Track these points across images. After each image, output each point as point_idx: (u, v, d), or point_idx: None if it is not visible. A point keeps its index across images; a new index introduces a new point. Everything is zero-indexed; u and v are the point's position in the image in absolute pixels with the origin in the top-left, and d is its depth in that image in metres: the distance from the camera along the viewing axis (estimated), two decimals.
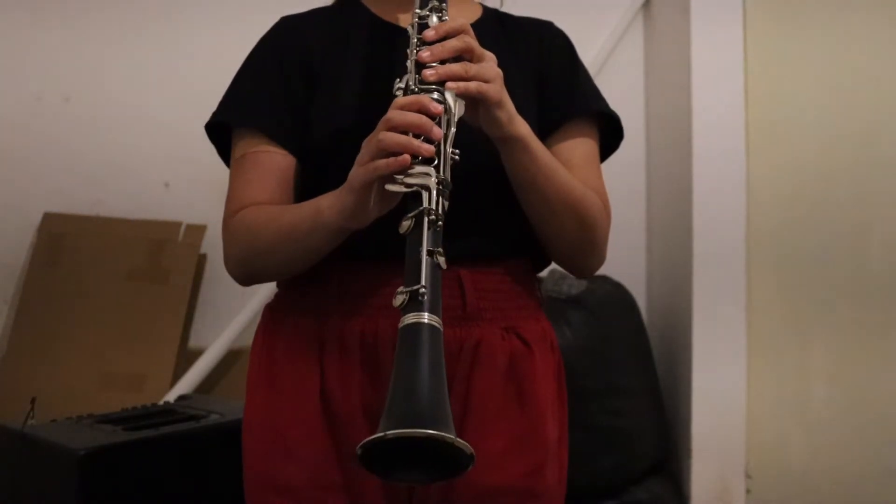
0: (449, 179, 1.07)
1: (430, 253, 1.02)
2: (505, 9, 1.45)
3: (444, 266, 1.03)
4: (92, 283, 2.89)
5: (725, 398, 2.74)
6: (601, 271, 2.93)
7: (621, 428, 2.71)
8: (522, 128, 1.18)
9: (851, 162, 2.75)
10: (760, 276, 2.76)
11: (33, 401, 1.85)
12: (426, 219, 1.03)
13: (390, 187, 1.06)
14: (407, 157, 1.04)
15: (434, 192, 1.05)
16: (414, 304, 0.99)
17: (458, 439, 0.91)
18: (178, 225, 2.96)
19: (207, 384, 2.86)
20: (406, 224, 1.04)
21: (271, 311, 1.33)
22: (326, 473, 1.22)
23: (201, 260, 2.96)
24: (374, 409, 1.20)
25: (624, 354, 2.78)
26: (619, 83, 3.16)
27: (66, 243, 2.94)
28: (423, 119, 1.07)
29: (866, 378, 2.72)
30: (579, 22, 3.09)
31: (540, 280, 2.76)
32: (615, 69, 3.16)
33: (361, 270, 1.23)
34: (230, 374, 2.87)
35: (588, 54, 3.12)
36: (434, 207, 1.04)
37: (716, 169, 2.76)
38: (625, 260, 3.05)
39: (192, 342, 2.97)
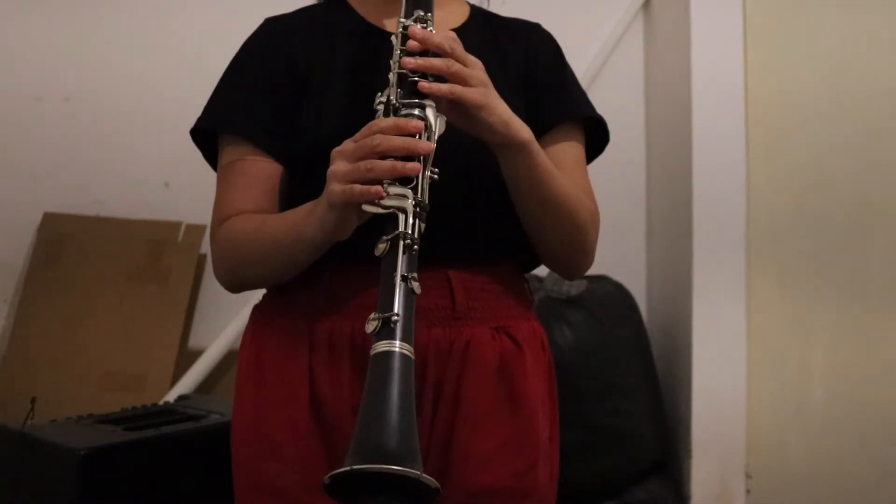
0: (426, 201, 1.07)
1: (404, 279, 1.03)
2: (506, 8, 1.45)
3: (418, 291, 1.03)
4: (92, 283, 2.89)
5: (725, 398, 2.73)
6: (601, 271, 2.95)
7: (621, 428, 2.71)
8: (523, 132, 1.17)
9: (852, 161, 2.75)
10: (760, 275, 2.76)
11: (33, 401, 1.85)
12: (401, 243, 1.04)
13: (367, 208, 1.06)
14: (379, 188, 1.05)
15: (410, 216, 1.05)
16: (386, 330, 1.00)
17: (424, 475, 0.92)
18: (178, 225, 2.96)
19: (207, 384, 2.86)
20: (382, 247, 1.05)
21: (259, 312, 1.33)
22: (316, 475, 1.21)
23: (201, 260, 2.96)
24: None
25: (624, 354, 2.78)
26: (619, 83, 3.16)
27: (66, 243, 2.95)
28: (409, 143, 1.06)
29: (866, 378, 2.72)
30: (579, 22, 3.13)
31: (540, 280, 2.78)
32: (615, 69, 3.16)
33: (350, 271, 1.22)
34: (230, 374, 2.87)
35: (588, 54, 3.12)
36: (410, 232, 1.04)
37: (715, 169, 2.76)
38: (625, 260, 3.06)
39: (192, 342, 2.97)
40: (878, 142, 2.75)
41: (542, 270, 1.39)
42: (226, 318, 2.90)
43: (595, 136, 1.37)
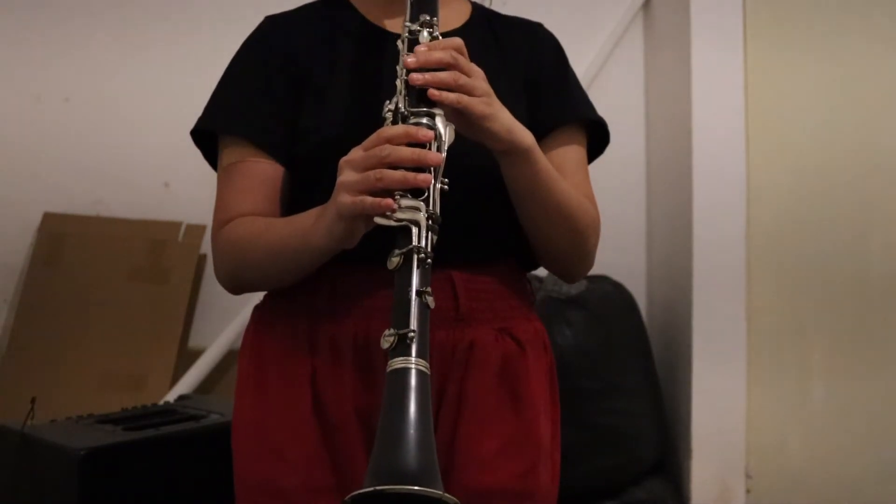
0: (438, 213, 1.06)
1: (419, 294, 1.02)
2: (506, 8, 1.44)
3: (432, 305, 1.03)
4: (92, 283, 2.89)
5: (725, 398, 2.74)
6: (601, 271, 2.95)
7: (621, 428, 2.71)
8: (526, 138, 1.17)
9: (851, 162, 2.75)
10: (760, 276, 2.76)
11: (33, 401, 1.84)
12: (415, 257, 1.03)
13: (379, 221, 1.06)
14: (391, 201, 1.04)
15: (423, 228, 1.04)
16: (402, 347, 1.00)
17: (446, 494, 0.92)
18: (178, 225, 2.96)
19: (207, 384, 2.86)
20: (395, 261, 1.04)
21: (260, 312, 1.33)
22: (318, 476, 1.21)
23: (201, 260, 2.96)
24: (366, 412, 1.20)
25: (624, 354, 2.78)
26: (618, 83, 3.16)
27: (66, 243, 2.95)
28: (419, 154, 1.06)
29: (866, 378, 2.72)
30: (579, 22, 3.13)
31: (540, 280, 2.78)
32: (615, 69, 3.16)
33: (353, 272, 1.21)
34: (230, 374, 2.87)
35: (588, 54, 3.12)
36: (423, 245, 1.04)
37: (716, 169, 2.76)
38: (625, 260, 3.06)
39: (192, 342, 2.97)
40: (877, 142, 2.75)
41: (542, 270, 1.38)
42: (226, 318, 2.90)
43: (595, 138, 1.37)
